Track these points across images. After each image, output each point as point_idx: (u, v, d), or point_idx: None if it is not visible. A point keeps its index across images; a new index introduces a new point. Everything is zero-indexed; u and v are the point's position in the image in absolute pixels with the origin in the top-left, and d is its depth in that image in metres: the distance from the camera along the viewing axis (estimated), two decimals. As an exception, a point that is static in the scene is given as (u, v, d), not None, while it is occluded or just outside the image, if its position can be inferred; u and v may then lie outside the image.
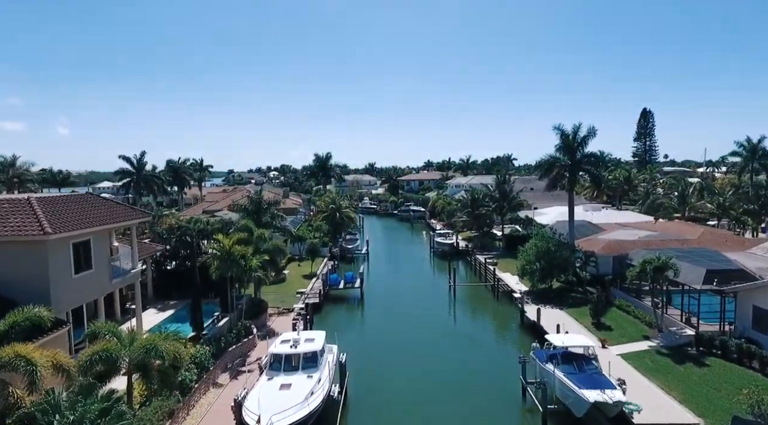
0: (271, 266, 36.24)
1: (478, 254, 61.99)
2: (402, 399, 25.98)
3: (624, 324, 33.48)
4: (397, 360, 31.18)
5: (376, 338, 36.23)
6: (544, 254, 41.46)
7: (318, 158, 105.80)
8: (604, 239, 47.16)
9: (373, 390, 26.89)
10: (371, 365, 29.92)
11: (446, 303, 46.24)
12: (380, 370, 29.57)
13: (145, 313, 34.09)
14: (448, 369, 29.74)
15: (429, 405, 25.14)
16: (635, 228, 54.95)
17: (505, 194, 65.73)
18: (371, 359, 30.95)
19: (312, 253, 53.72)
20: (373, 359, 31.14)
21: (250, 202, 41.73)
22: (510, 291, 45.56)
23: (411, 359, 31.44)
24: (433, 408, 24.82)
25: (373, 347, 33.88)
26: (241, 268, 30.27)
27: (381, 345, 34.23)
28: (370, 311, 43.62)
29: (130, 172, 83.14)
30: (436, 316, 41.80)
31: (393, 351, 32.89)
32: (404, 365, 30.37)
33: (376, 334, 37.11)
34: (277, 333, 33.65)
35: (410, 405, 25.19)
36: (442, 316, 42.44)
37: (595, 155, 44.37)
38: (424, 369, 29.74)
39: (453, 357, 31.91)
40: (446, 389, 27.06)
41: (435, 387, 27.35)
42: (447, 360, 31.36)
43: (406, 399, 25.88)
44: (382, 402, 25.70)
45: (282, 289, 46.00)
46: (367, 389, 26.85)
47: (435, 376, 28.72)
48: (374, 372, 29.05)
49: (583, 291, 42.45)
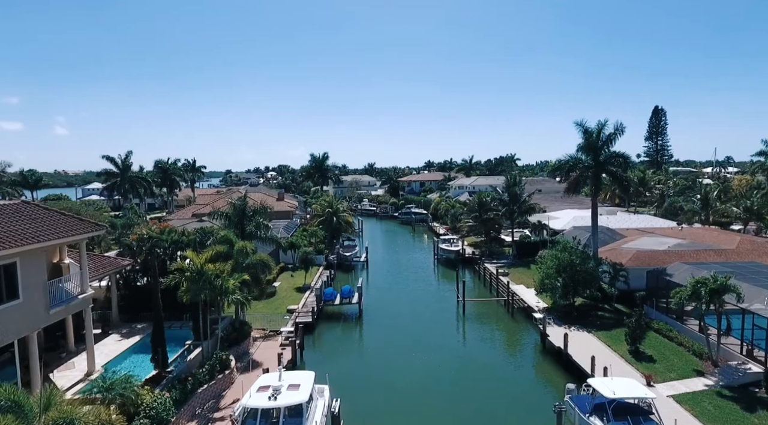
0: (255, 285, 31.27)
1: (486, 263, 57.02)
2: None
3: (668, 354, 28.49)
4: (401, 406, 25.85)
5: (376, 371, 31.13)
6: (567, 268, 36.51)
7: (314, 158, 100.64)
8: (631, 249, 42.22)
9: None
10: (370, 412, 24.85)
11: (455, 322, 41.24)
12: (381, 421, 24.42)
13: (106, 340, 29.21)
14: (463, 417, 24.60)
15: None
16: (659, 235, 50.05)
17: (516, 196, 60.71)
18: (370, 403, 25.82)
19: (305, 263, 48.71)
20: (373, 402, 26.01)
21: (232, 209, 36.43)
22: (526, 307, 40.64)
23: (419, 403, 25.98)
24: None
25: (373, 385, 28.68)
26: (215, 290, 25.27)
27: (382, 384, 28.89)
28: (370, 332, 38.58)
29: (114, 173, 78.19)
30: (445, 339, 36.73)
31: (396, 392, 27.57)
32: (410, 412, 25.15)
33: (376, 366, 32.00)
34: (260, 363, 28.71)
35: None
36: (452, 340, 37.38)
37: (623, 155, 39.34)
38: (434, 417, 24.63)
39: (467, 398, 26.75)
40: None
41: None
42: (461, 402, 26.18)
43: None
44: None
45: (271, 305, 41.04)
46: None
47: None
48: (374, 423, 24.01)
49: (612, 309, 37.53)
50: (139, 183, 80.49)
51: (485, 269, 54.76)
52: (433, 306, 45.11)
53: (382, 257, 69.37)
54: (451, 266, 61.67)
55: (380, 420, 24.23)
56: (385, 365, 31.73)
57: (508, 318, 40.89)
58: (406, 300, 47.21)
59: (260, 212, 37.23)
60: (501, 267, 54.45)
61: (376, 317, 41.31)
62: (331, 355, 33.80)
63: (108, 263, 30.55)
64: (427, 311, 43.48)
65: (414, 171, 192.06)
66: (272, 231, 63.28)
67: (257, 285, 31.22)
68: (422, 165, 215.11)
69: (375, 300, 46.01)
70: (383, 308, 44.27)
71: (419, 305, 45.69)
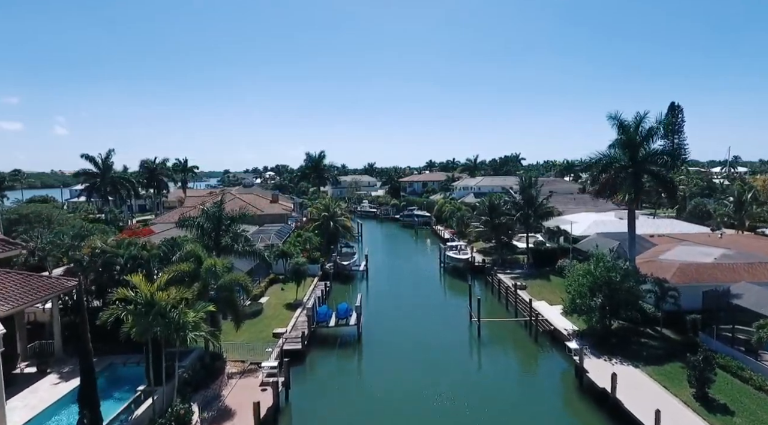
0: (230, 310, 25.44)
1: (500, 274, 51.20)
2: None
3: (747, 402, 22.61)
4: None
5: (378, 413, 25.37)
6: (604, 286, 30.69)
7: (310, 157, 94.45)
8: (672, 262, 36.35)
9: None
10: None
11: (469, 348, 35.47)
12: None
13: (39, 384, 23.35)
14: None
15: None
16: (695, 243, 44.19)
17: (532, 199, 54.82)
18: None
19: (297, 276, 42.81)
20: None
21: (204, 217, 30.27)
22: (552, 330, 34.84)
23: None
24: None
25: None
26: (170, 326, 19.45)
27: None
28: (371, 362, 32.73)
29: (93, 173, 72.29)
30: (459, 371, 30.88)
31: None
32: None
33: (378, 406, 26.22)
34: (233, 414, 22.86)
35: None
36: (467, 372, 31.53)
37: (668, 153, 33.48)
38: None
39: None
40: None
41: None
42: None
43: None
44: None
45: (255, 327, 35.19)
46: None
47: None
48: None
49: (657, 335, 31.74)
50: (122, 184, 74.55)
51: (499, 281, 48.87)
52: (442, 327, 39.22)
53: (384, 265, 63.48)
54: (459, 276, 55.93)
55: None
56: (389, 404, 25.91)
57: (532, 343, 35.04)
58: (412, 319, 41.31)
59: (238, 220, 30.90)
60: (516, 278, 48.70)
61: (378, 341, 35.48)
62: (324, 392, 28.04)
63: (46, 284, 24.65)
64: (436, 333, 37.55)
65: (415, 171, 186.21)
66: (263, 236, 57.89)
67: (232, 311, 25.34)
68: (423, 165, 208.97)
69: (376, 319, 40.13)
70: (385, 329, 38.41)
71: (427, 325, 39.82)
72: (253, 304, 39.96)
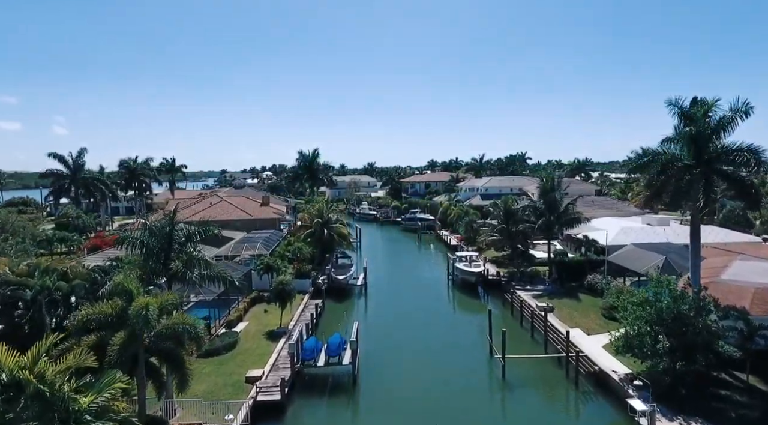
0: (173, 369, 18.27)
1: (519, 290, 44.07)
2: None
3: None
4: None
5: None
6: (673, 322, 23.57)
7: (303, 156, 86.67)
8: (744, 285, 29.15)
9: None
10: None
11: (491, 397, 28.22)
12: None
13: None
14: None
15: None
16: (750, 255, 36.97)
17: (555, 204, 47.60)
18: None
19: (281, 297, 35.60)
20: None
21: (149, 236, 22.50)
22: (597, 372, 27.69)
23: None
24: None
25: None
26: (51, 420, 12.28)
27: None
28: (369, 417, 25.59)
29: (62, 174, 65.04)
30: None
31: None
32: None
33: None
34: None
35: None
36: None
37: (750, 149, 26.16)
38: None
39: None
40: None
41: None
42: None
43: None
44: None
45: (224, 367, 28.12)
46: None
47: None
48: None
49: (741, 384, 24.62)
50: (95, 186, 67.26)
51: (521, 301, 41.64)
52: (457, 364, 31.68)
53: (385, 279, 56.13)
54: (471, 292, 48.94)
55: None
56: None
57: (572, 389, 27.80)
58: (419, 353, 33.77)
59: (196, 238, 23.05)
60: (539, 296, 41.65)
61: (378, 386, 28.28)
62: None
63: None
64: (450, 374, 30.10)
65: (417, 171, 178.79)
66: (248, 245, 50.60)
67: (175, 369, 18.14)
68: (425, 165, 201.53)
69: (376, 353, 32.85)
70: (387, 367, 31.07)
71: (438, 361, 32.24)
72: (227, 334, 32.83)
